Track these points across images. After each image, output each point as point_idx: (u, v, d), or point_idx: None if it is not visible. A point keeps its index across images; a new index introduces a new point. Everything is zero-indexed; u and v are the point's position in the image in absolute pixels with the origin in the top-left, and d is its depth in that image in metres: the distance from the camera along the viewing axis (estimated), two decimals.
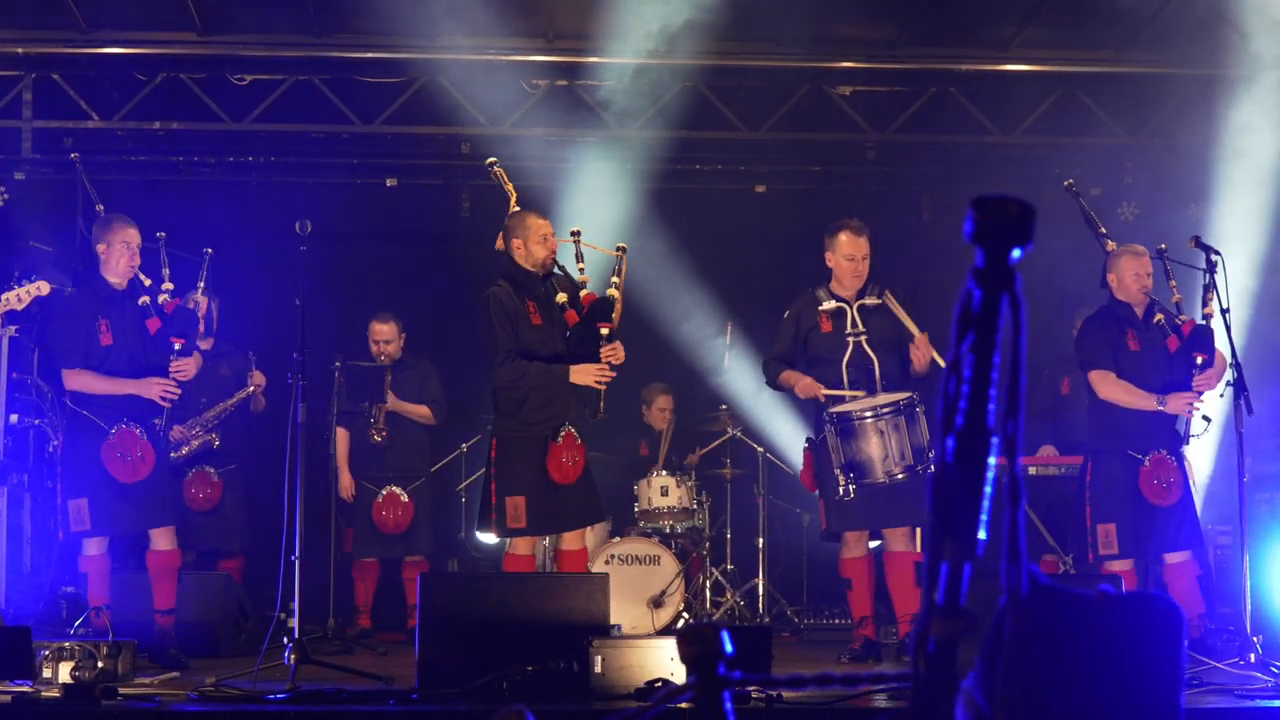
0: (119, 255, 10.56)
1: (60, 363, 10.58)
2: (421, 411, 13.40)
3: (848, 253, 11.03)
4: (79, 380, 10.46)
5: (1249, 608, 9.41)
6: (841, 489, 10.71)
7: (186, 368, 10.69)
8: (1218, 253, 9.97)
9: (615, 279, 10.64)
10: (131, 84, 13.71)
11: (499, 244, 10.63)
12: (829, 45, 13.80)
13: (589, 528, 12.37)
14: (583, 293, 10.61)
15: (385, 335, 13.34)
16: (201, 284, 11.44)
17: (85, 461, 10.41)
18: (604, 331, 10.48)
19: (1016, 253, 2.40)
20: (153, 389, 10.55)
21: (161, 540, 10.74)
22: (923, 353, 10.66)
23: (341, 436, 13.23)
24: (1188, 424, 10.48)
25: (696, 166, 14.99)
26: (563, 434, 10.45)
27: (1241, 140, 12.66)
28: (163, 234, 10.93)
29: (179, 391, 10.69)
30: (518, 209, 10.77)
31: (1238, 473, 9.79)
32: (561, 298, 10.54)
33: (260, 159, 14.58)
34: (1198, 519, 10.68)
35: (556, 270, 10.67)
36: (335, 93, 13.82)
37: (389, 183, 14.45)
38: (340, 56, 13.52)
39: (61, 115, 13.78)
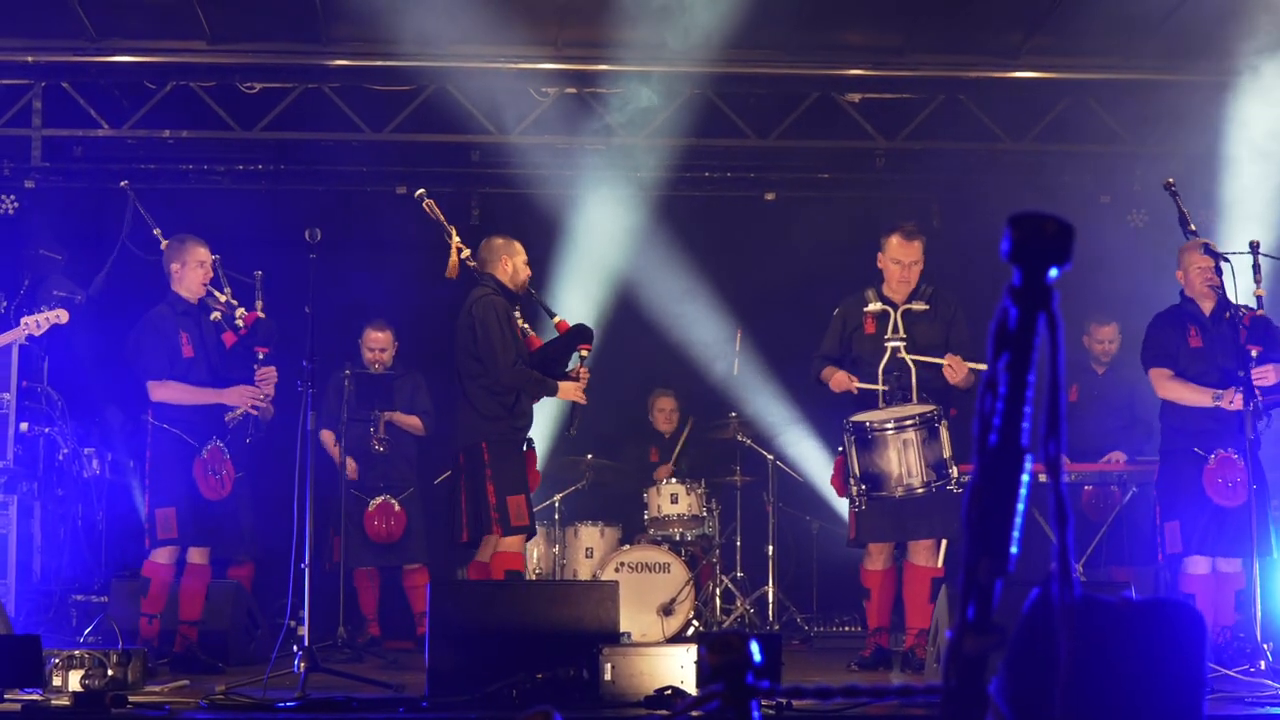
0: (193, 273, 10.93)
1: (146, 375, 10.74)
2: (413, 422, 13.34)
3: (895, 256, 10.90)
4: (165, 391, 10.71)
5: (1259, 615, 9.37)
6: (855, 499, 10.70)
7: (270, 375, 10.89)
8: (1226, 259, 9.92)
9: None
10: (141, 92, 13.72)
11: (452, 269, 10.98)
12: (838, 52, 13.79)
13: (600, 532, 12.68)
14: (556, 319, 11.07)
15: (381, 343, 13.35)
16: (259, 303, 11.51)
17: (174, 474, 10.65)
18: (583, 354, 10.96)
19: (1054, 272, 2.38)
20: (239, 397, 10.85)
21: (195, 555, 10.91)
22: (957, 370, 10.55)
23: (328, 436, 13.13)
24: (1254, 423, 10.14)
25: (705, 174, 15.01)
26: (531, 445, 10.95)
27: (1251, 145, 12.63)
28: (217, 255, 11.19)
29: (264, 399, 10.89)
30: (496, 238, 11.16)
31: (1248, 479, 9.73)
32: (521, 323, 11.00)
33: (269, 167, 14.62)
34: (1264, 526, 9.94)
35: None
36: (344, 101, 13.83)
37: (399, 190, 14.45)
38: (349, 65, 13.52)
39: (71, 124, 13.80)
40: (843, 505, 11.51)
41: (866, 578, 11.12)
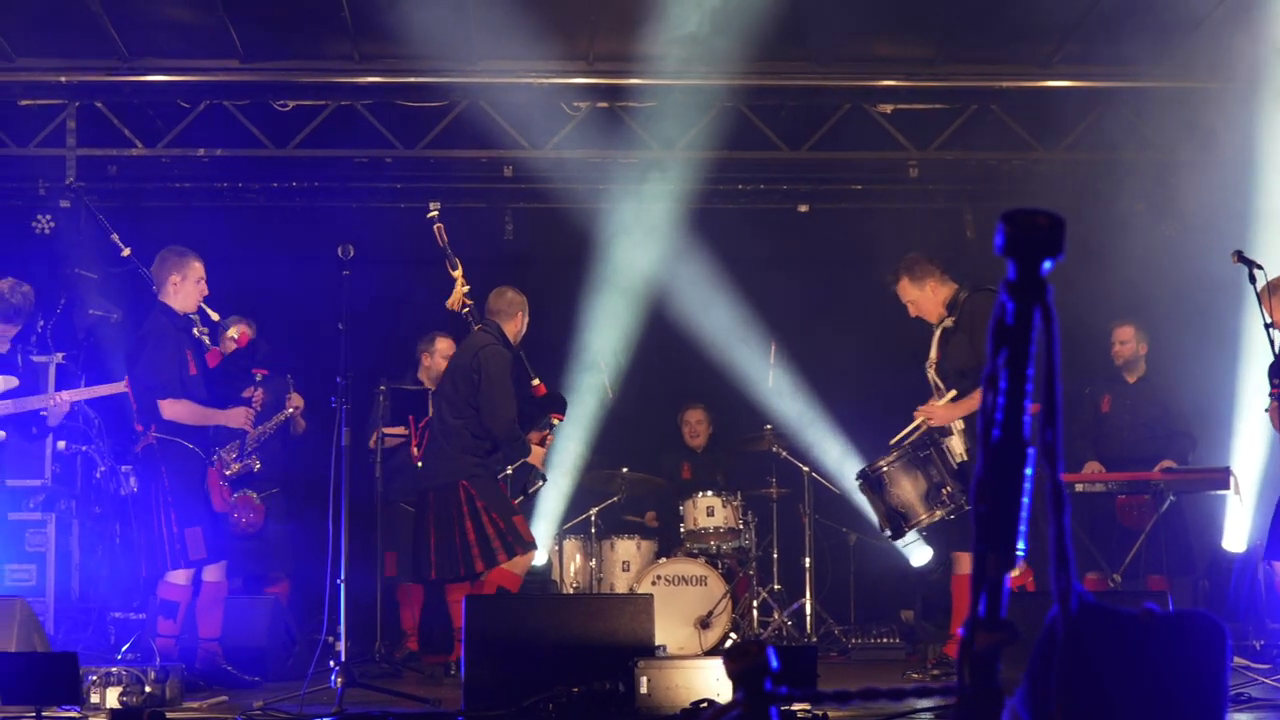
0: (192, 287, 10.71)
1: (158, 392, 10.47)
2: None
3: None
4: (176, 409, 10.48)
5: None
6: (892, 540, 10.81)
7: (260, 397, 10.93)
8: (1260, 266, 9.87)
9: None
10: (175, 111, 13.77)
11: (455, 301, 11.39)
12: (869, 64, 13.78)
13: (636, 545, 12.82)
14: (535, 382, 11.41)
15: (450, 352, 13.33)
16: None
17: (193, 490, 10.51)
18: (555, 422, 11.49)
19: (1047, 264, 2.40)
20: (242, 419, 10.82)
21: (214, 572, 10.77)
22: (936, 416, 10.46)
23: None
24: None
25: (738, 186, 15.00)
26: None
27: None
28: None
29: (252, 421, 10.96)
30: (511, 290, 11.52)
31: None
32: None
33: (303, 184, 14.65)
34: None
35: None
36: (377, 117, 13.87)
37: (432, 206, 14.47)
38: (382, 81, 13.55)
39: (105, 143, 13.86)
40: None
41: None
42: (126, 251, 11.23)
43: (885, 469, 10.46)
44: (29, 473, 12.23)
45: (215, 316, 10.81)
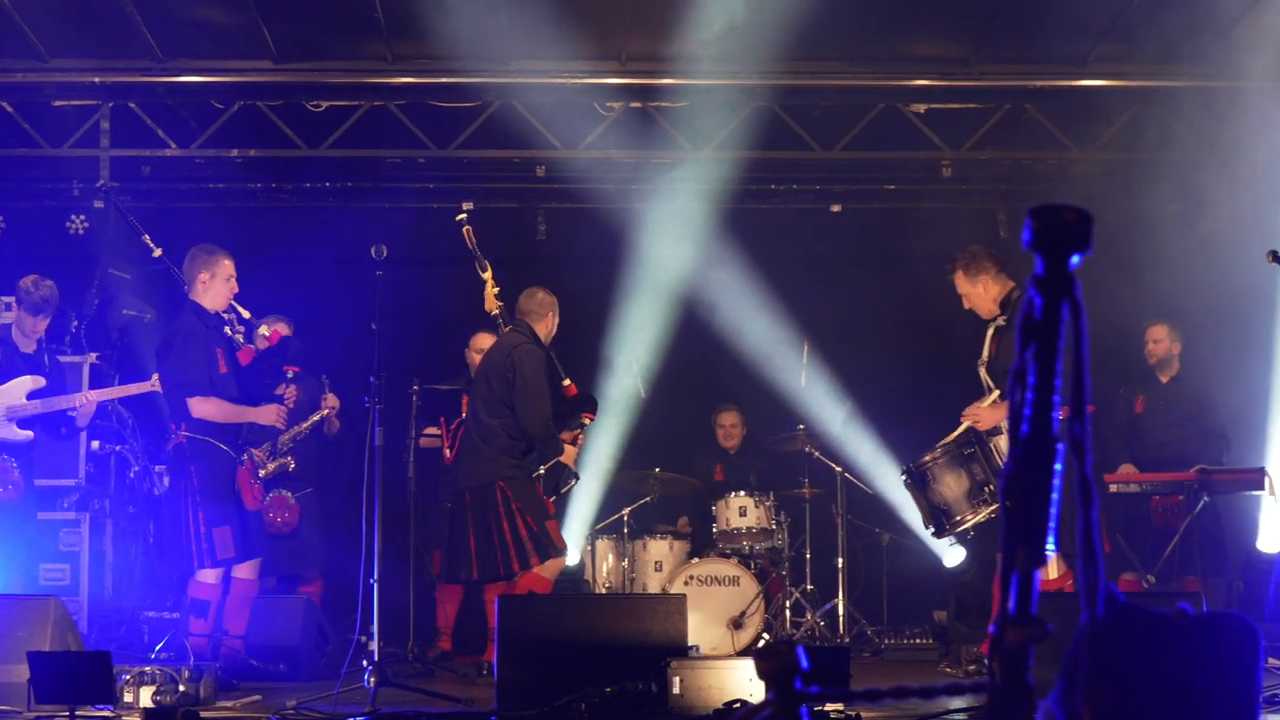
0: (222, 285, 10.74)
1: (187, 390, 10.50)
2: None
3: None
4: (206, 407, 10.50)
5: None
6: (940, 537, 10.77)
7: (294, 394, 10.95)
8: None
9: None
10: (208, 112, 13.79)
11: (491, 305, 11.41)
12: (902, 63, 13.73)
13: (669, 546, 12.80)
14: (566, 383, 11.43)
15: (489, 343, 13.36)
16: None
17: (222, 489, 10.51)
18: (585, 422, 11.52)
19: (1075, 259, 2.40)
20: (274, 416, 10.84)
21: (246, 569, 10.78)
22: (982, 419, 10.38)
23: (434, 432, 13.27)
24: None
25: (771, 186, 14.99)
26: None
27: None
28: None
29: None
30: (542, 291, 11.58)
31: None
32: None
33: (336, 184, 14.68)
34: None
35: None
36: (410, 118, 13.87)
37: (465, 208, 14.48)
38: (414, 82, 13.53)
39: (139, 144, 13.87)
40: (911, 517, 11.44)
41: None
42: (158, 252, 11.23)
43: (930, 465, 10.44)
44: (63, 472, 12.28)
45: (246, 314, 10.81)
